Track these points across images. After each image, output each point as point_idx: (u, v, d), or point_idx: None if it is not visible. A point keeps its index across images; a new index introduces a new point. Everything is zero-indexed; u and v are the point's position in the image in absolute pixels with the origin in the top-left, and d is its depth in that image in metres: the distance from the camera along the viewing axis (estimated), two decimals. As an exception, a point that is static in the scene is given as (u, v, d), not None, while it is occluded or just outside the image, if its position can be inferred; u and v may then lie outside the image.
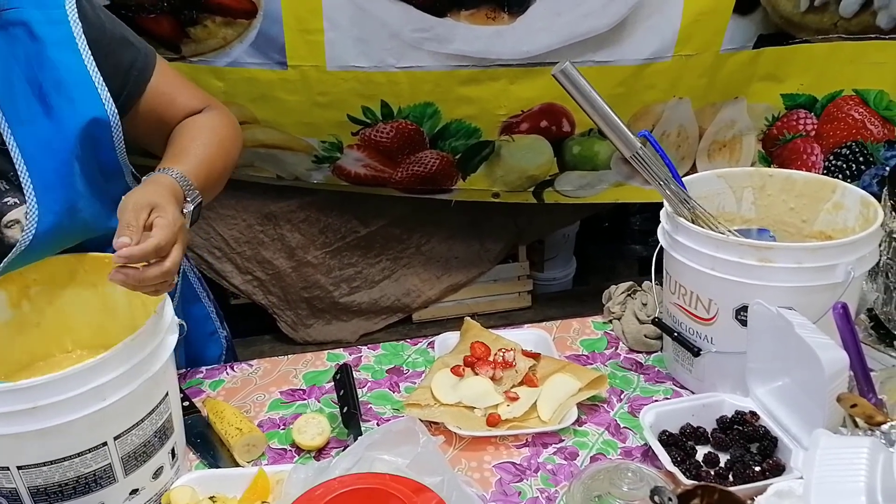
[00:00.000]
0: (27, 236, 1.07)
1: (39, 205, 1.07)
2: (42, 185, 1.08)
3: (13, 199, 1.09)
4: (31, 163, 1.07)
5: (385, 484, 0.86)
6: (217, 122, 1.27)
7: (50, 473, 0.92)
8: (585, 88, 1.17)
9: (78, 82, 1.12)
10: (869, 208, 1.22)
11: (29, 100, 1.09)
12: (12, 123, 1.07)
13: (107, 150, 1.17)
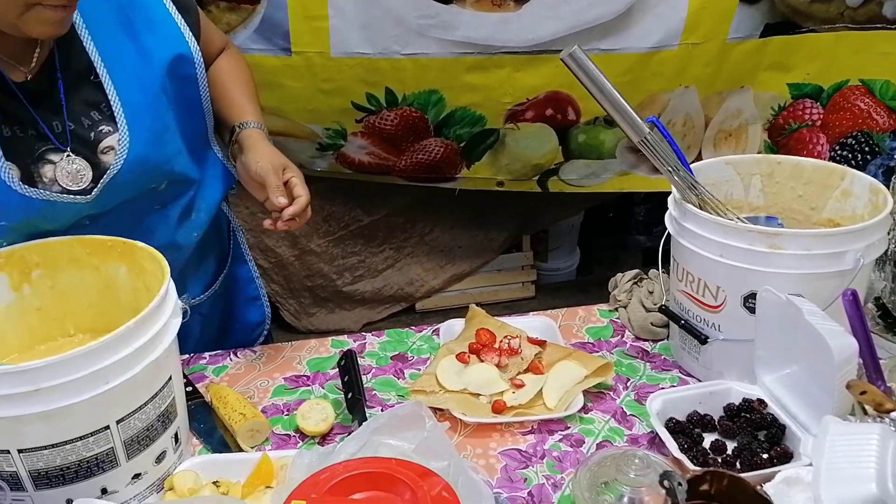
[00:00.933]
0: (119, 161, 1.14)
1: (130, 133, 1.15)
2: (132, 115, 1.15)
3: (107, 128, 1.15)
4: (123, 94, 1.15)
5: (391, 468, 0.85)
6: (242, 63, 1.42)
7: (51, 457, 0.91)
8: (594, 73, 1.15)
9: (164, 20, 1.21)
10: (878, 196, 1.21)
11: (121, 37, 1.16)
12: (105, 58, 1.14)
13: (191, 86, 1.25)
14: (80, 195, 1.13)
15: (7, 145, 1.07)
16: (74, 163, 1.12)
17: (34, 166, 1.10)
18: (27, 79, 1.10)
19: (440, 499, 0.82)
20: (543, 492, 1.07)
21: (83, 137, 1.13)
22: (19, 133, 1.09)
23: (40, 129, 1.11)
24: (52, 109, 1.12)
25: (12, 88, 1.09)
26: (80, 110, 1.14)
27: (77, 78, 1.13)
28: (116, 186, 1.16)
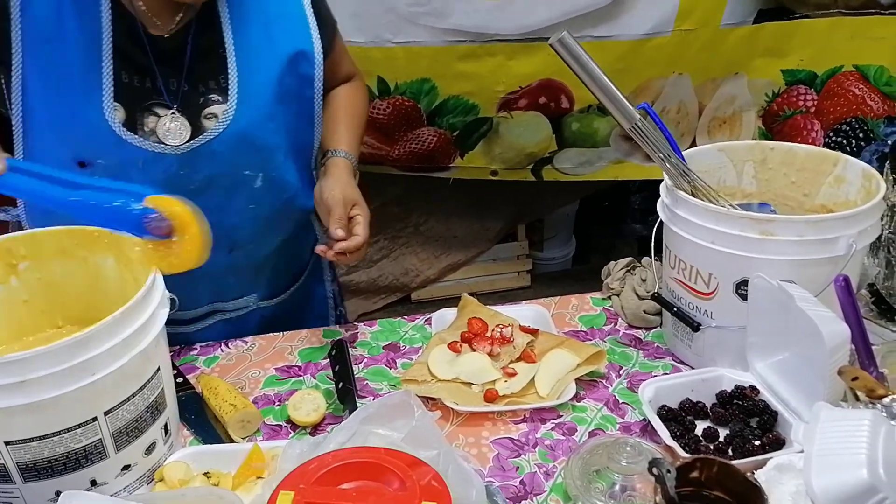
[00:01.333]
0: (218, 128, 1.20)
1: (237, 108, 1.21)
2: (244, 93, 1.21)
3: (217, 98, 1.21)
4: (242, 73, 1.21)
5: (380, 458, 0.85)
6: (362, 95, 1.46)
7: (39, 449, 0.91)
8: (583, 59, 1.14)
9: (296, 16, 1.27)
10: (871, 181, 1.21)
11: (254, 20, 1.23)
12: (236, 37, 1.21)
13: (306, 86, 1.29)
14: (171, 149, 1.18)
15: (122, 89, 1.15)
16: (176, 120, 1.18)
17: (139, 115, 1.17)
18: (163, 36, 1.17)
19: (429, 488, 0.81)
20: (535, 480, 1.06)
21: (192, 101, 1.20)
22: (136, 82, 1.16)
23: (157, 84, 1.17)
24: (175, 69, 1.19)
25: (144, 41, 1.16)
26: (198, 77, 1.20)
27: (206, 48, 1.20)
28: (208, 154, 1.21)
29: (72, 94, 1.14)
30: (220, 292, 1.40)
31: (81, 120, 1.14)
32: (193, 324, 1.40)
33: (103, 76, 1.14)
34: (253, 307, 1.45)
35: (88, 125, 1.14)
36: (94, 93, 1.13)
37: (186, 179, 1.21)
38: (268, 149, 1.28)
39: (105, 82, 1.14)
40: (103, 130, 1.14)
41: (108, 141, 1.14)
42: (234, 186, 1.27)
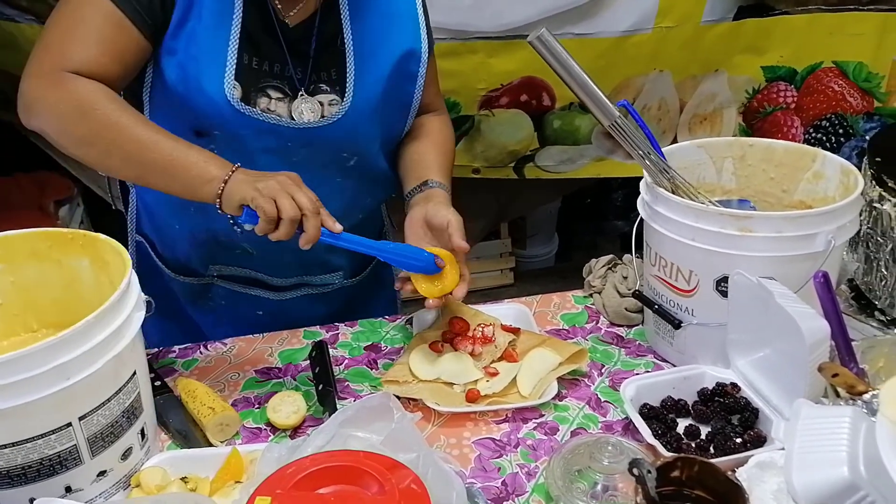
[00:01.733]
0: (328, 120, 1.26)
1: (350, 105, 1.26)
2: (359, 90, 1.26)
3: (327, 88, 1.27)
4: (359, 69, 1.27)
5: (359, 461, 0.84)
6: (450, 133, 1.49)
7: (12, 456, 0.89)
8: (562, 55, 1.14)
9: (410, 16, 1.32)
10: (849, 177, 1.21)
11: (373, 21, 1.28)
12: (355, 33, 1.27)
13: (410, 83, 1.33)
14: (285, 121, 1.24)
15: (242, 70, 1.20)
16: (308, 101, 1.25)
17: (253, 94, 1.22)
18: (289, 25, 1.23)
19: (409, 491, 0.80)
20: (517, 481, 1.06)
21: (314, 86, 1.26)
22: (255, 65, 1.22)
23: (283, 67, 1.24)
24: (301, 56, 1.25)
25: (276, 26, 1.22)
26: (319, 65, 1.26)
27: (327, 40, 1.26)
28: (315, 138, 1.26)
29: (197, 71, 1.19)
30: (306, 266, 1.46)
31: (201, 92, 1.19)
32: (282, 292, 1.46)
33: (228, 56, 1.19)
34: (338, 285, 1.51)
35: (208, 97, 1.19)
36: (217, 71, 1.18)
37: (294, 152, 1.27)
38: (367, 138, 1.33)
39: (229, 62, 1.19)
40: (222, 103, 1.19)
41: (226, 115, 1.20)
42: (331, 163, 1.32)
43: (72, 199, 2.56)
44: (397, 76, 1.30)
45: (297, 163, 1.25)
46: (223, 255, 1.41)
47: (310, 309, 1.47)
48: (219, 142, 1.23)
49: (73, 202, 2.56)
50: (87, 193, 2.61)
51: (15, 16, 2.05)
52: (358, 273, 1.54)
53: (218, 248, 1.40)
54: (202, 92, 1.19)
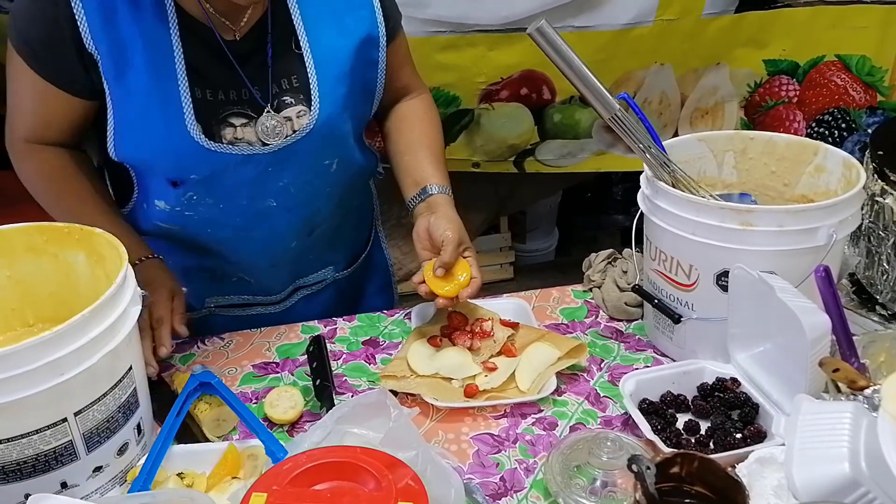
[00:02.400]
0: (305, 129, 1.22)
1: (320, 107, 1.22)
2: (324, 90, 1.22)
3: (291, 99, 1.22)
4: (320, 70, 1.22)
5: (356, 458, 0.83)
6: (434, 118, 1.44)
7: (7, 451, 0.88)
8: (562, 48, 1.13)
9: (363, 3, 1.26)
10: (851, 170, 1.20)
11: (326, 18, 1.23)
12: (308, 31, 1.21)
13: (371, 69, 1.29)
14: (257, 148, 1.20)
15: (197, 107, 1.15)
16: (272, 119, 1.20)
17: (216, 127, 1.18)
18: (236, 38, 1.18)
19: (406, 489, 0.80)
20: (516, 476, 1.05)
21: (276, 100, 1.21)
22: (209, 96, 1.17)
23: (239, 91, 1.19)
24: (257, 70, 1.20)
25: (223, 47, 1.17)
26: (278, 74, 1.21)
27: (280, 44, 1.21)
28: (294, 153, 1.23)
29: (152, 122, 1.15)
30: (300, 271, 1.46)
31: (167, 144, 1.16)
32: (280, 303, 1.47)
33: (181, 97, 1.14)
34: (330, 280, 1.51)
35: (175, 147, 1.16)
36: (174, 117, 1.14)
37: (275, 177, 1.25)
38: (342, 136, 1.31)
39: (184, 102, 1.14)
40: (191, 148, 1.16)
41: (198, 156, 1.17)
42: (315, 176, 1.30)
43: (71, 194, 2.54)
44: (359, 66, 1.26)
45: (282, 188, 1.26)
46: (218, 288, 1.41)
47: (307, 308, 1.47)
48: (197, 187, 1.21)
49: (71, 196, 2.55)
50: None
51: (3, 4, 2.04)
52: (351, 264, 1.54)
53: (212, 282, 1.40)
54: (165, 144, 1.16)
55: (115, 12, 1.11)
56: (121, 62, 1.12)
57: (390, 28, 1.29)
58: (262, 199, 1.27)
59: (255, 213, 1.28)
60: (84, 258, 1.10)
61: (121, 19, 1.11)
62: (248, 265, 1.37)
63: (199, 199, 1.22)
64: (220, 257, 1.32)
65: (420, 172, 1.35)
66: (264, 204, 1.28)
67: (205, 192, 1.22)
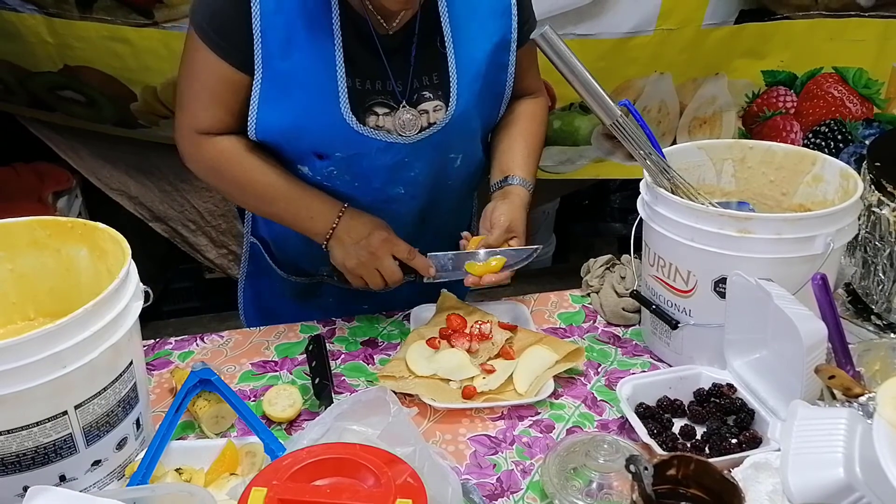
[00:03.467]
0: (442, 122, 1.28)
1: (457, 102, 1.27)
2: (462, 88, 1.27)
3: (429, 94, 1.28)
4: (460, 69, 1.27)
5: (355, 454, 0.84)
6: (543, 116, 1.47)
7: (7, 443, 0.89)
8: (566, 54, 1.14)
9: (504, 9, 1.30)
10: (848, 181, 1.21)
11: (472, 20, 1.28)
12: (455, 34, 1.26)
13: (502, 72, 1.34)
14: (402, 139, 1.27)
15: (350, 94, 1.22)
16: (409, 112, 1.26)
17: (362, 114, 1.24)
18: (388, 33, 1.23)
19: (405, 485, 0.80)
20: (512, 478, 1.06)
21: (413, 95, 1.27)
22: (358, 85, 1.23)
23: (377, 84, 1.25)
24: (400, 66, 1.25)
25: (376, 41, 1.22)
26: (419, 73, 1.26)
27: (426, 42, 1.26)
28: (430, 144, 1.29)
29: (310, 101, 1.22)
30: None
31: (321, 122, 1.23)
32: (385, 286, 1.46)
33: (338, 83, 1.21)
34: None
35: (329, 126, 1.23)
36: (330, 98, 1.21)
37: (409, 167, 1.31)
38: (471, 133, 1.36)
39: (340, 88, 1.21)
40: (343, 129, 1.23)
41: (347, 137, 1.24)
42: (443, 168, 1.35)
43: (70, 191, 2.55)
44: (492, 69, 1.32)
45: (413, 177, 1.33)
46: None
47: (410, 292, 1.46)
48: (338, 162, 1.28)
49: (71, 193, 2.55)
50: (85, 185, 2.60)
51: (17, 6, 2.04)
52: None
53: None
54: (320, 121, 1.23)
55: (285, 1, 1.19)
56: (287, 43, 1.20)
57: (523, 33, 1.32)
58: (393, 185, 1.33)
59: (384, 197, 1.34)
60: (86, 253, 1.10)
61: (290, 5, 1.19)
62: None
63: (339, 174, 1.29)
64: None
65: (509, 162, 1.39)
66: (395, 190, 1.33)
67: (344, 169, 1.29)
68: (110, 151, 2.55)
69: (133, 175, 2.57)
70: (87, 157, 2.56)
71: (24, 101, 2.39)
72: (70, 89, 2.28)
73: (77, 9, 2.04)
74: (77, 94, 2.30)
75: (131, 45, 2.10)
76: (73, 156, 2.55)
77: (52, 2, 2.04)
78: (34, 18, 2.07)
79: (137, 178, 2.57)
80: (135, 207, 2.62)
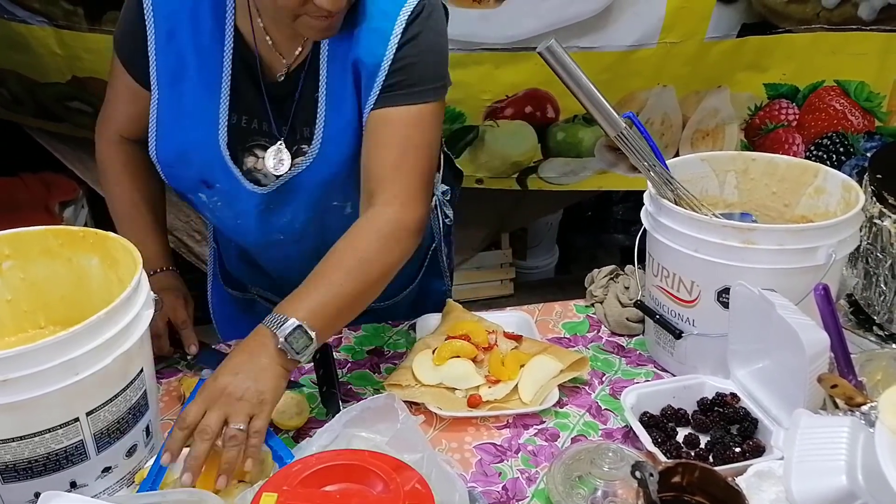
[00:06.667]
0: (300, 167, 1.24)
1: (319, 151, 1.23)
2: (328, 136, 1.23)
3: (305, 147, 1.24)
4: (329, 117, 1.22)
5: (364, 460, 0.85)
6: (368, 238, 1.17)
7: (19, 449, 0.90)
8: (571, 67, 1.16)
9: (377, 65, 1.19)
10: (850, 192, 1.22)
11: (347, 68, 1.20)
12: (329, 84, 1.21)
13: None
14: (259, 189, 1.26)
15: (230, 130, 1.23)
16: (282, 153, 1.25)
17: (240, 152, 1.25)
18: (278, 80, 1.23)
19: (414, 492, 0.81)
20: (518, 486, 1.07)
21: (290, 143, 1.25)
22: (243, 122, 1.25)
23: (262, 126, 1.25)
24: (281, 112, 1.25)
25: (260, 83, 1.23)
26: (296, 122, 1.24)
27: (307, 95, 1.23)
28: (293, 191, 1.26)
29: (194, 130, 1.24)
30: None
31: (203, 153, 1.24)
32: None
33: (220, 115, 1.23)
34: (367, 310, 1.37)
35: (208, 159, 1.24)
36: (212, 129, 1.23)
37: (279, 213, 1.29)
38: (352, 182, 1.25)
39: (221, 121, 1.23)
40: (220, 164, 1.24)
41: (223, 172, 1.25)
42: (325, 212, 1.31)
43: (76, 201, 2.56)
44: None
45: (288, 223, 1.30)
46: (260, 280, 1.49)
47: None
48: (221, 195, 1.29)
49: (77, 203, 2.57)
50: (91, 195, 2.62)
51: (27, 18, 2.07)
52: (391, 297, 1.49)
53: (254, 273, 1.47)
54: (200, 151, 1.24)
55: (177, 29, 1.21)
56: (178, 70, 1.22)
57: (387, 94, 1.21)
58: (268, 230, 1.32)
59: (265, 241, 1.35)
60: (98, 262, 1.11)
61: (182, 35, 1.21)
62: (278, 271, 1.43)
63: (223, 207, 1.30)
64: (252, 255, 1.41)
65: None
66: (273, 236, 1.33)
67: (226, 204, 1.30)
68: (117, 162, 2.57)
69: (139, 185, 2.58)
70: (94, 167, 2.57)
71: (31, 112, 2.42)
72: (78, 100, 2.31)
73: (86, 21, 2.07)
74: (85, 105, 2.32)
75: (139, 57, 2.13)
76: (79, 166, 2.57)
77: (62, 14, 2.06)
78: (44, 30, 2.10)
79: (143, 189, 2.59)
80: (141, 218, 2.63)
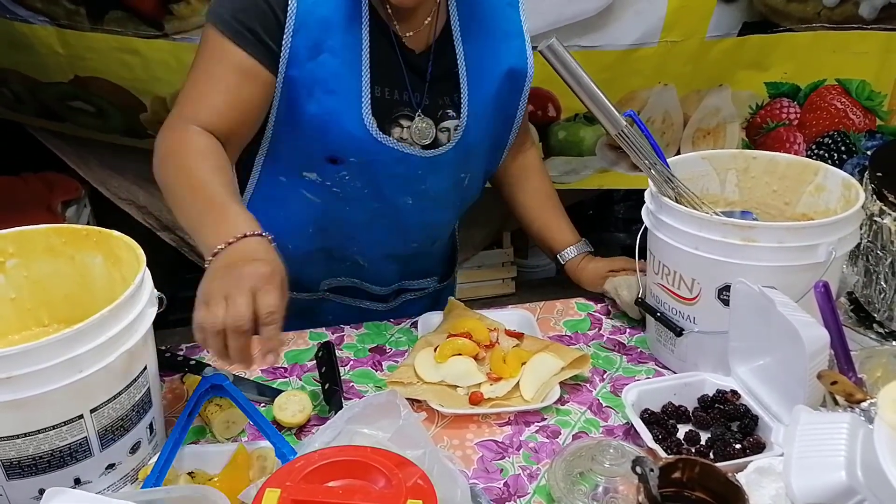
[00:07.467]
0: (452, 142, 1.33)
1: (466, 124, 1.33)
2: (473, 110, 1.33)
3: (452, 113, 1.33)
4: (472, 91, 1.33)
5: (366, 456, 0.85)
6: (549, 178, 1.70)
7: (24, 446, 0.91)
8: (572, 65, 1.16)
9: (517, 34, 1.37)
10: (850, 190, 1.23)
11: (485, 43, 1.34)
12: (468, 57, 1.32)
13: (514, 99, 1.41)
14: (418, 151, 1.31)
15: (375, 103, 1.26)
16: (424, 122, 1.30)
17: (388, 125, 1.28)
18: (415, 52, 1.29)
19: (416, 487, 0.82)
20: (519, 482, 1.07)
21: (432, 113, 1.32)
22: (387, 95, 1.28)
23: (404, 96, 1.29)
24: (420, 84, 1.30)
25: (399, 56, 1.27)
26: (438, 93, 1.32)
27: (445, 67, 1.32)
28: (442, 162, 1.34)
29: (334, 103, 1.24)
30: (408, 273, 1.55)
31: (341, 125, 1.25)
32: (386, 301, 1.55)
33: (363, 89, 1.25)
34: (431, 289, 1.61)
35: (348, 130, 1.25)
36: (354, 103, 1.24)
37: (421, 180, 1.34)
38: (480, 154, 1.42)
39: (364, 95, 1.25)
40: (362, 136, 1.26)
41: (366, 144, 1.27)
42: (452, 187, 1.40)
43: (79, 200, 2.57)
44: (504, 93, 1.37)
45: (425, 190, 1.36)
46: (335, 269, 1.49)
47: (411, 311, 1.52)
48: (351, 167, 1.30)
49: (80, 203, 2.57)
50: (94, 194, 2.63)
51: (29, 17, 2.08)
52: (447, 277, 1.66)
53: (332, 262, 1.47)
54: (342, 126, 1.25)
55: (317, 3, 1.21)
56: (317, 44, 1.21)
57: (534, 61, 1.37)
58: (402, 194, 1.36)
59: (393, 205, 1.37)
60: (101, 260, 1.12)
61: (326, 6, 1.21)
62: (368, 249, 1.45)
63: (351, 179, 1.31)
64: (343, 236, 1.42)
65: (566, 241, 1.57)
66: (403, 199, 1.36)
67: (357, 175, 1.31)
68: (119, 161, 2.58)
69: (142, 185, 2.59)
70: (96, 166, 2.59)
71: (34, 111, 2.42)
72: (80, 99, 2.32)
73: (88, 20, 2.08)
74: (87, 105, 2.33)
75: (141, 56, 2.13)
76: (82, 165, 2.58)
77: (64, 13, 2.07)
78: (46, 30, 2.11)
79: (146, 188, 2.60)
80: (143, 217, 2.64)
